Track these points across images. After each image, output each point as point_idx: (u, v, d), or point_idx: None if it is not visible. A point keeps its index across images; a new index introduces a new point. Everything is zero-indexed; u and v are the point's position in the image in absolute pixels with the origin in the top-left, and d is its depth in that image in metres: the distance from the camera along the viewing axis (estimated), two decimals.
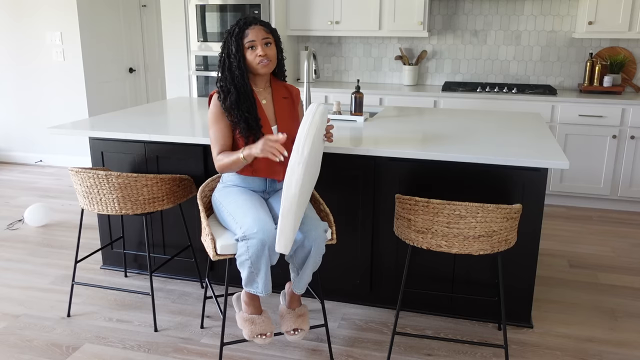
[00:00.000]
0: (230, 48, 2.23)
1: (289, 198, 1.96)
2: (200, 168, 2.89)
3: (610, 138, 4.20)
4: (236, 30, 2.22)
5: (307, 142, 1.96)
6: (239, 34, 2.22)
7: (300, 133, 1.98)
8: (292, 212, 1.97)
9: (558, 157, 2.35)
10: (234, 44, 2.21)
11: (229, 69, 2.24)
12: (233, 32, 2.23)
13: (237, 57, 2.22)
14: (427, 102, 4.56)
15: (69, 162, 5.70)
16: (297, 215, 2.00)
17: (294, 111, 2.40)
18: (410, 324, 2.72)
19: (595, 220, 4.15)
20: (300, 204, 1.99)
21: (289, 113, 2.37)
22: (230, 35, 2.23)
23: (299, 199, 1.97)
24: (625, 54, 4.53)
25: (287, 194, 1.96)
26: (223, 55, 2.26)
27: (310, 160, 1.99)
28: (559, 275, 3.24)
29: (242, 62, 2.22)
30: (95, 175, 2.51)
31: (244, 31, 2.22)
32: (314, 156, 2.04)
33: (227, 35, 2.25)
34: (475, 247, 2.14)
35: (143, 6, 6.04)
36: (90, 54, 5.46)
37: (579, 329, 2.68)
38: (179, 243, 3.12)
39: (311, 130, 1.97)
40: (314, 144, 1.99)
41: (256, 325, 2.26)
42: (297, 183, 1.95)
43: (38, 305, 2.89)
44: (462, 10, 4.84)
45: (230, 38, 2.23)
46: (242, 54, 2.22)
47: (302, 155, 1.95)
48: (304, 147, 1.95)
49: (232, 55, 2.22)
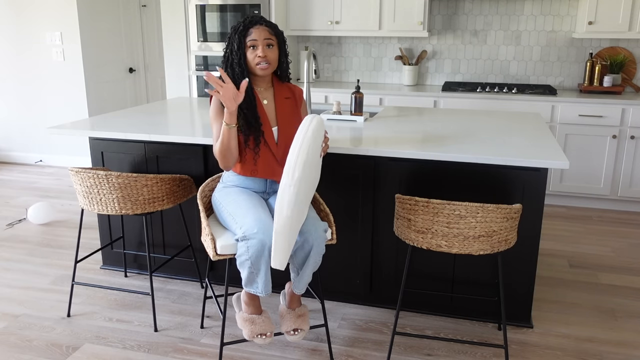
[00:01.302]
0: (233, 45, 2.23)
1: (281, 220, 1.93)
2: (200, 168, 2.89)
3: (610, 138, 4.20)
4: (240, 27, 2.22)
5: (297, 165, 1.93)
6: (243, 32, 2.22)
7: (292, 154, 1.94)
8: (285, 231, 1.94)
9: (558, 157, 2.35)
10: (237, 41, 2.22)
11: (231, 65, 2.25)
12: (237, 29, 2.23)
13: (238, 55, 2.22)
14: (427, 102, 4.56)
15: (69, 162, 5.70)
16: (293, 232, 1.99)
17: (296, 112, 2.40)
18: (410, 324, 2.72)
19: (595, 220, 4.15)
20: (295, 222, 1.97)
21: (290, 114, 2.36)
22: (235, 32, 2.23)
23: (292, 220, 1.95)
24: (625, 54, 4.53)
25: (279, 216, 1.93)
26: (227, 51, 2.27)
27: (304, 178, 1.96)
28: (559, 275, 3.24)
29: (242, 60, 2.22)
30: (95, 175, 2.51)
31: (248, 29, 2.22)
32: (308, 173, 2.01)
33: (232, 32, 2.25)
34: (475, 247, 2.14)
35: (143, 6, 6.03)
36: (90, 54, 5.46)
37: (579, 329, 2.68)
38: (179, 243, 3.12)
39: (302, 151, 1.93)
40: (306, 164, 1.95)
41: (256, 325, 2.26)
42: (289, 205, 1.92)
43: (38, 305, 2.89)
44: (462, 10, 4.84)
45: (234, 35, 2.23)
46: (243, 52, 2.22)
47: (292, 178, 1.92)
48: (294, 169, 1.92)
49: (234, 52, 2.23)
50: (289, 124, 2.33)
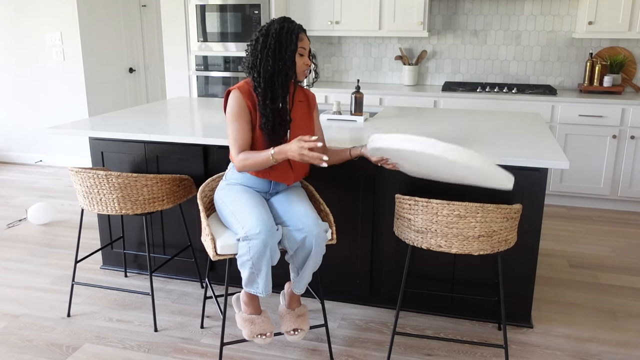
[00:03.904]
0: (288, 44, 2.14)
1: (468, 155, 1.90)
2: (200, 168, 2.89)
3: (610, 138, 4.20)
4: (296, 30, 2.16)
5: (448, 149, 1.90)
6: (297, 35, 2.16)
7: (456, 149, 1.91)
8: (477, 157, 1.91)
9: (558, 157, 2.35)
10: (293, 42, 2.15)
11: (279, 64, 2.15)
12: (292, 31, 2.15)
13: (292, 57, 2.16)
14: (427, 102, 4.55)
15: (69, 162, 5.70)
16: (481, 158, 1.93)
17: (309, 116, 2.39)
18: (410, 324, 2.72)
19: (595, 220, 4.15)
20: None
21: (304, 117, 2.36)
22: (288, 32, 2.15)
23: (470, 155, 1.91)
24: (625, 54, 4.53)
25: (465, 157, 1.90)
26: (273, 44, 2.14)
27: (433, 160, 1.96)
28: (559, 275, 3.24)
29: (294, 63, 2.18)
30: (95, 175, 2.51)
31: (300, 34, 2.18)
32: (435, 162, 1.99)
33: (281, 30, 2.15)
34: (475, 247, 2.14)
35: (143, 6, 6.03)
36: (90, 54, 5.46)
37: (579, 329, 2.68)
38: (179, 243, 3.12)
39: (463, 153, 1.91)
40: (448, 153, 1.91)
41: (256, 326, 2.26)
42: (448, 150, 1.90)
43: (38, 305, 2.89)
44: (462, 10, 4.84)
45: (288, 35, 2.14)
46: (294, 55, 2.18)
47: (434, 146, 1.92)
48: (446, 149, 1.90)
49: (288, 50, 2.14)
50: (300, 128, 2.31)
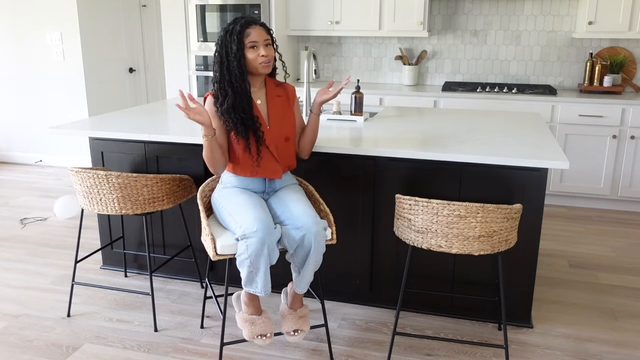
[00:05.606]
0: (230, 46, 2.20)
1: None
2: (200, 168, 2.88)
3: (610, 138, 4.20)
4: (237, 28, 2.19)
5: None
6: (240, 33, 2.19)
7: None
8: None
9: (558, 157, 2.35)
10: (235, 42, 2.19)
11: (228, 68, 2.22)
12: (233, 31, 2.20)
13: (237, 57, 2.19)
14: (427, 102, 4.55)
15: (69, 162, 5.70)
16: None
17: (288, 110, 2.39)
18: (410, 324, 2.72)
19: (595, 220, 4.15)
20: None
21: (281, 112, 2.36)
22: (230, 33, 2.20)
23: None
24: (625, 54, 4.53)
25: None
26: (221, 54, 2.23)
27: None
28: (559, 275, 3.24)
29: (242, 62, 2.21)
30: (95, 175, 2.51)
31: (245, 30, 2.20)
32: None
33: (225, 34, 2.22)
34: (476, 247, 2.14)
35: (143, 6, 6.03)
36: (90, 54, 5.46)
37: (579, 329, 2.68)
38: (179, 243, 3.12)
39: None
40: None
41: (256, 326, 2.26)
42: None
43: (38, 305, 2.89)
44: (462, 10, 4.84)
45: (230, 36, 2.20)
46: (243, 53, 2.21)
47: None
48: None
49: (231, 53, 2.20)
50: (279, 123, 2.33)
